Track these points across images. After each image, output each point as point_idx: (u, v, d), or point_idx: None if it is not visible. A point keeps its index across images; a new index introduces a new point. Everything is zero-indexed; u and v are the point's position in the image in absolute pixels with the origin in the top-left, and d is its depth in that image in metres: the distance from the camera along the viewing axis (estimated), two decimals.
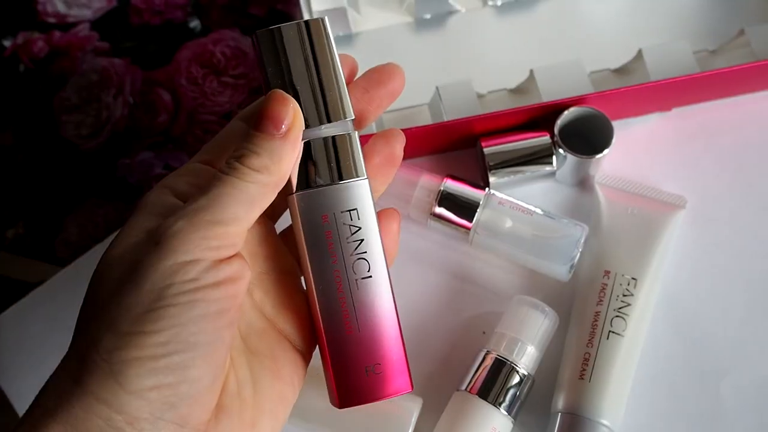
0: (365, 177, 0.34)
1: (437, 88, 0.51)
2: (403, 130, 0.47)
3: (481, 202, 0.47)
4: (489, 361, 0.44)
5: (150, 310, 0.30)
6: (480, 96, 0.53)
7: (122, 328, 0.29)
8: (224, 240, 0.31)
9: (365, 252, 0.34)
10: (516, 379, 0.43)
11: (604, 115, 0.49)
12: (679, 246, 0.50)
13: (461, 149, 0.53)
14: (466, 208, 0.47)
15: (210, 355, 0.31)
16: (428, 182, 0.48)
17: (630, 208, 0.49)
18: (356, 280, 0.34)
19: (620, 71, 0.54)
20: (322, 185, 0.34)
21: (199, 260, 0.30)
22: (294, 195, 0.34)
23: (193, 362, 0.30)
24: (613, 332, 0.45)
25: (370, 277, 0.34)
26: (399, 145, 0.38)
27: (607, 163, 0.51)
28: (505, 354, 0.44)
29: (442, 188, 0.47)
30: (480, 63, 0.55)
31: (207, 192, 0.31)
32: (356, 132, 0.34)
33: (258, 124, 0.33)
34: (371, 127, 0.51)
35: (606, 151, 0.48)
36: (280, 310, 0.35)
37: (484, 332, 0.48)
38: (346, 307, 0.34)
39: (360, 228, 0.34)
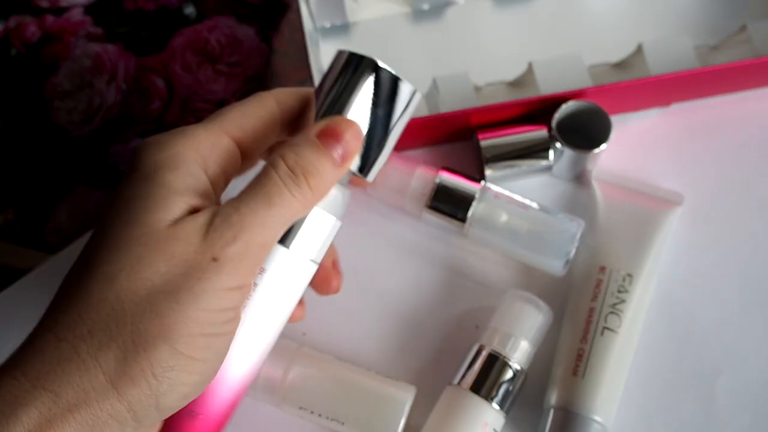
0: (317, 263, 0.35)
1: (434, 79, 0.51)
2: None
3: (476, 196, 0.46)
4: (482, 356, 0.43)
5: (203, 335, 0.30)
6: (477, 88, 0.52)
7: (180, 346, 0.29)
8: (263, 262, 0.32)
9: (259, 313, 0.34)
10: (509, 374, 0.43)
11: (603, 109, 0.48)
12: (676, 243, 0.50)
13: (457, 141, 0.52)
14: (462, 201, 0.46)
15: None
16: (423, 174, 0.47)
17: (627, 204, 0.49)
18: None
19: (620, 66, 0.54)
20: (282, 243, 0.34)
21: (245, 286, 0.31)
22: None
23: (204, 388, 0.31)
24: (607, 328, 0.45)
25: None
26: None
27: (604, 159, 0.51)
28: (498, 349, 0.43)
29: (437, 181, 0.47)
30: (478, 55, 0.55)
31: (264, 205, 0.31)
32: (339, 222, 0.35)
33: (326, 141, 0.32)
34: None
35: (603, 146, 0.47)
36: None
37: (477, 326, 0.47)
38: None
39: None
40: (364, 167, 0.34)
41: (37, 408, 0.27)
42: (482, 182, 0.47)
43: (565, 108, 0.48)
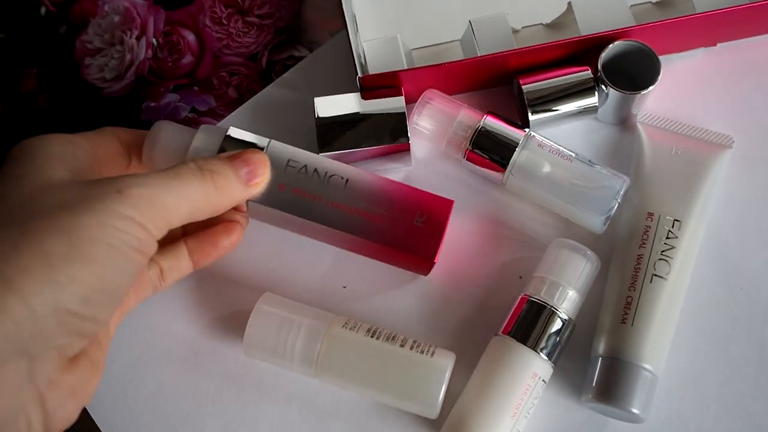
0: None
1: (470, 22, 0.49)
2: (436, 65, 0.46)
3: (519, 143, 0.45)
4: (529, 306, 0.43)
5: (105, 242, 0.33)
6: (514, 31, 0.50)
7: (76, 241, 0.32)
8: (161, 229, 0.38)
9: None
10: (557, 324, 0.42)
11: (651, 49, 0.46)
12: (726, 187, 0.48)
13: (494, 87, 0.51)
14: (504, 148, 0.45)
15: None
16: (468, 117, 0.46)
17: (674, 148, 0.47)
18: None
19: (662, 4, 0.52)
20: None
21: (148, 231, 0.35)
22: None
23: (106, 304, 0.35)
24: (656, 275, 0.43)
25: None
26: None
27: (649, 101, 0.49)
28: (545, 298, 0.43)
29: (481, 125, 0.45)
30: None
31: (173, 177, 0.37)
32: None
33: (234, 162, 0.39)
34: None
35: (652, 87, 0.46)
36: None
37: (520, 277, 0.47)
38: None
39: None
40: None
41: None
42: (526, 130, 0.46)
43: (612, 48, 0.46)
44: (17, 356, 0.30)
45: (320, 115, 0.46)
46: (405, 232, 0.42)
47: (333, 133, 0.46)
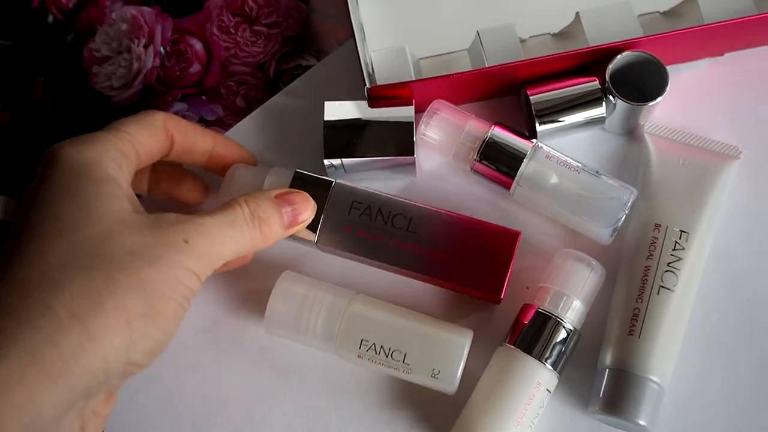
0: None
1: (478, 32, 0.49)
2: (444, 76, 0.46)
3: (527, 154, 0.45)
4: (534, 316, 0.43)
5: (173, 299, 0.35)
6: (522, 41, 0.51)
7: (154, 300, 0.34)
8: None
9: None
10: (562, 334, 0.42)
11: (659, 60, 0.46)
12: (733, 198, 0.48)
13: (501, 97, 0.51)
14: (512, 159, 0.45)
15: None
16: (475, 128, 0.46)
17: (681, 158, 0.47)
18: None
19: (670, 13, 0.52)
20: None
21: (200, 279, 0.36)
22: None
23: (159, 353, 0.36)
24: (663, 287, 0.43)
25: None
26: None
27: (656, 112, 0.49)
28: (550, 308, 0.43)
29: (488, 135, 0.45)
30: (522, 6, 0.53)
31: (229, 226, 0.38)
32: None
33: (281, 202, 0.40)
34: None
35: (660, 99, 0.46)
36: None
37: (527, 287, 0.47)
38: None
39: None
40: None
41: (7, 368, 0.29)
42: (534, 141, 0.46)
43: (620, 59, 0.46)
44: (81, 399, 0.32)
45: (328, 119, 0.46)
46: (469, 268, 0.43)
47: (340, 139, 0.46)
